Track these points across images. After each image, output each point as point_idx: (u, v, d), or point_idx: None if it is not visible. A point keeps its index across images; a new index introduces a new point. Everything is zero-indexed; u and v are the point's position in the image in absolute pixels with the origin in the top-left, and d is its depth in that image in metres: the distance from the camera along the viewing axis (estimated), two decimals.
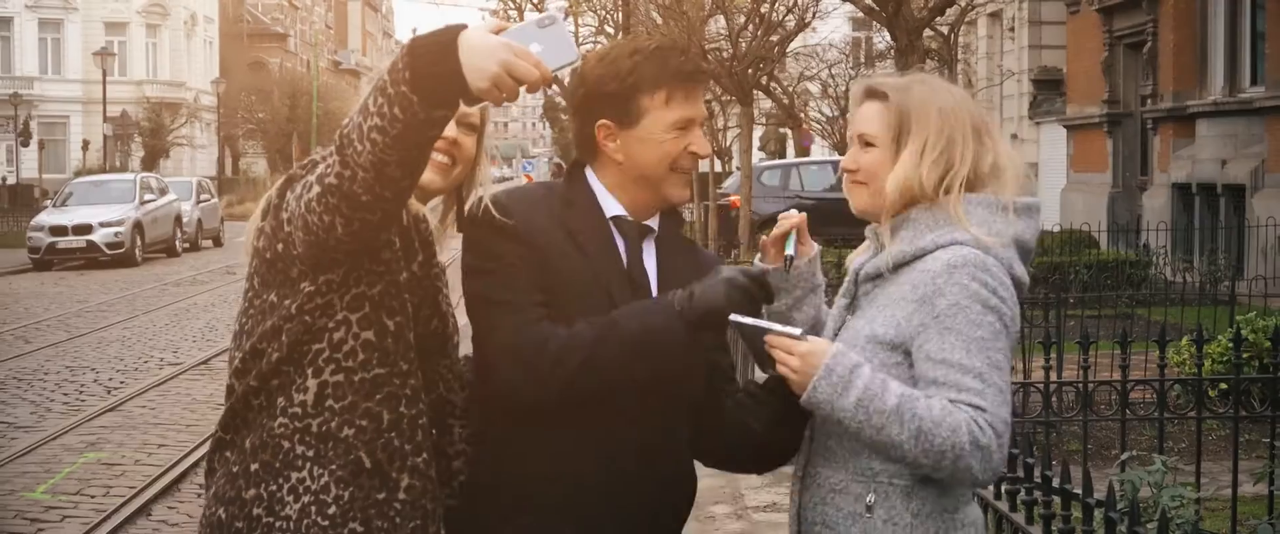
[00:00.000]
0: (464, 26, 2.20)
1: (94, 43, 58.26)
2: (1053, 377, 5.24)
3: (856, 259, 2.66)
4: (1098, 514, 3.28)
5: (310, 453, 2.37)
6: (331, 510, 2.37)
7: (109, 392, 11.44)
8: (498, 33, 2.18)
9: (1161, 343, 4.97)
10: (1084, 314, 11.34)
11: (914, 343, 2.44)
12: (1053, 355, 5.31)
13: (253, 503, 2.39)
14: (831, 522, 2.54)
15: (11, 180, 45.27)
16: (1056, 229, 17.98)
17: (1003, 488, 3.85)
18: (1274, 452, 4.98)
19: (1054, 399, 5.38)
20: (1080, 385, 5.07)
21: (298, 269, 2.37)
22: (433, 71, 2.14)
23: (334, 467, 2.36)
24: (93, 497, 7.85)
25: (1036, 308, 9.61)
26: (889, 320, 2.49)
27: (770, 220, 19.24)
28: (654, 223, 2.73)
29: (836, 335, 2.60)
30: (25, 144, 47.29)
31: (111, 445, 9.22)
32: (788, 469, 7.44)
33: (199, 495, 7.95)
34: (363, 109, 2.23)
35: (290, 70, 79.15)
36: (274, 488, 2.38)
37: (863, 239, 2.72)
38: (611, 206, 2.68)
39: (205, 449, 8.50)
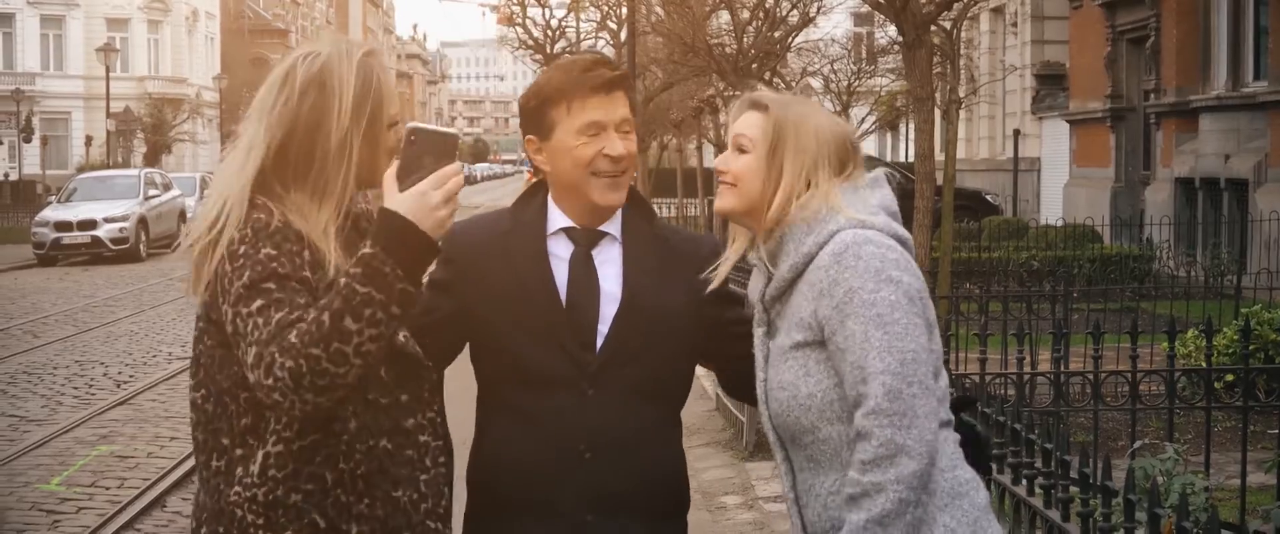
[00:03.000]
0: (396, 214, 2.34)
1: (96, 39, 58.27)
2: (1062, 368, 5.29)
3: (754, 289, 2.72)
4: (1114, 500, 3.34)
5: (261, 522, 2.43)
6: None
7: (119, 386, 11.50)
8: (403, 182, 2.35)
9: (1171, 334, 5.02)
10: (1089, 308, 11.39)
11: (827, 338, 2.51)
12: (1062, 347, 5.36)
13: None
14: (840, 522, 2.52)
15: (14, 177, 45.27)
16: (1059, 223, 18.02)
17: (1022, 474, 3.91)
18: None
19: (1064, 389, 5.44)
20: (1090, 376, 5.12)
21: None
22: (415, 259, 2.34)
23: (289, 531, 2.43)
24: (107, 488, 7.91)
25: (1043, 301, 9.67)
26: (801, 324, 2.56)
27: None
28: (612, 228, 2.82)
29: (767, 361, 2.67)
30: (27, 140, 47.31)
31: (123, 438, 9.28)
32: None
33: None
34: (335, 335, 2.28)
35: None
36: None
37: None
38: (559, 220, 2.81)
39: None
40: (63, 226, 26.45)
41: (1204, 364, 5.62)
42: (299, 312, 2.33)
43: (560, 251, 2.80)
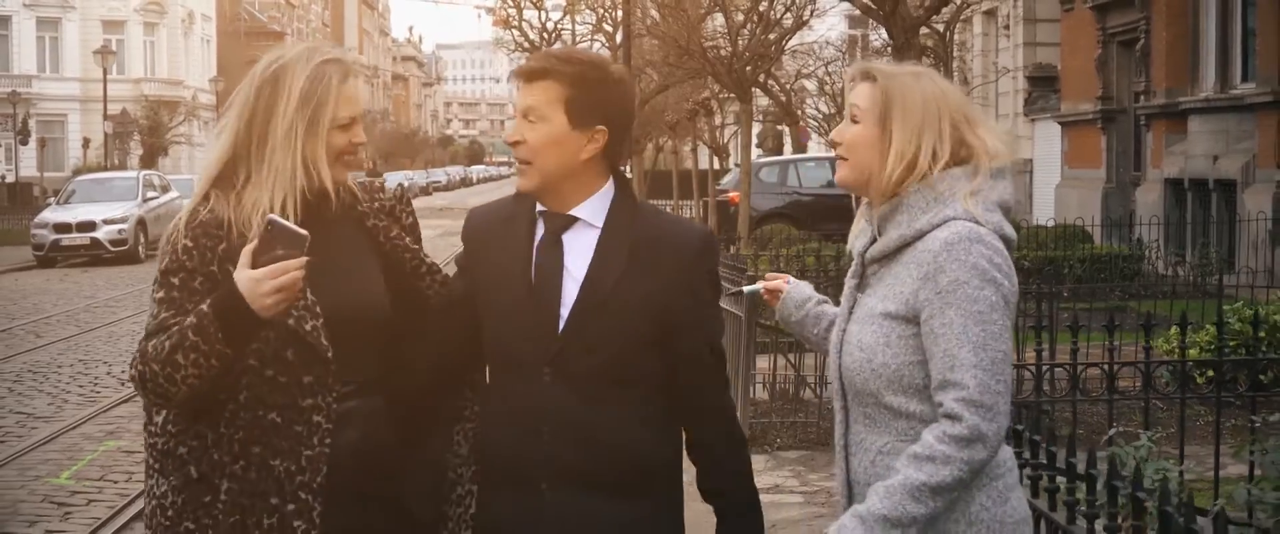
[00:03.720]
0: (234, 289, 2.66)
1: (92, 41, 58.41)
2: (1042, 361, 5.49)
3: (858, 242, 2.84)
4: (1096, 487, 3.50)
5: (156, 465, 2.89)
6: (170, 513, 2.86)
7: (122, 384, 11.68)
8: (255, 261, 2.65)
9: (1147, 327, 5.23)
10: (1077, 307, 11.59)
11: (922, 316, 2.65)
12: (1043, 342, 5.55)
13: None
14: (886, 476, 2.65)
15: (10, 179, 45.38)
16: (1050, 224, 18.21)
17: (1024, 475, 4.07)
18: (1253, 427, 5.23)
19: (1046, 383, 5.64)
20: (1070, 368, 5.31)
21: None
22: (239, 328, 2.66)
23: (172, 478, 2.86)
24: (116, 482, 8.11)
25: (1029, 300, 9.85)
26: (897, 297, 2.69)
27: (768, 216, 19.61)
28: (587, 214, 2.89)
29: (851, 313, 2.82)
30: (24, 142, 47.42)
31: (130, 434, 9.46)
32: (790, 453, 7.70)
33: None
34: (169, 363, 2.68)
35: None
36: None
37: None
38: (540, 204, 2.94)
39: None
40: (62, 228, 26.63)
41: (1203, 366, 5.84)
42: (177, 318, 2.72)
43: (540, 237, 2.94)
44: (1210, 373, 6.46)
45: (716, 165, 28.80)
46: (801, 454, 7.97)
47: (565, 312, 2.85)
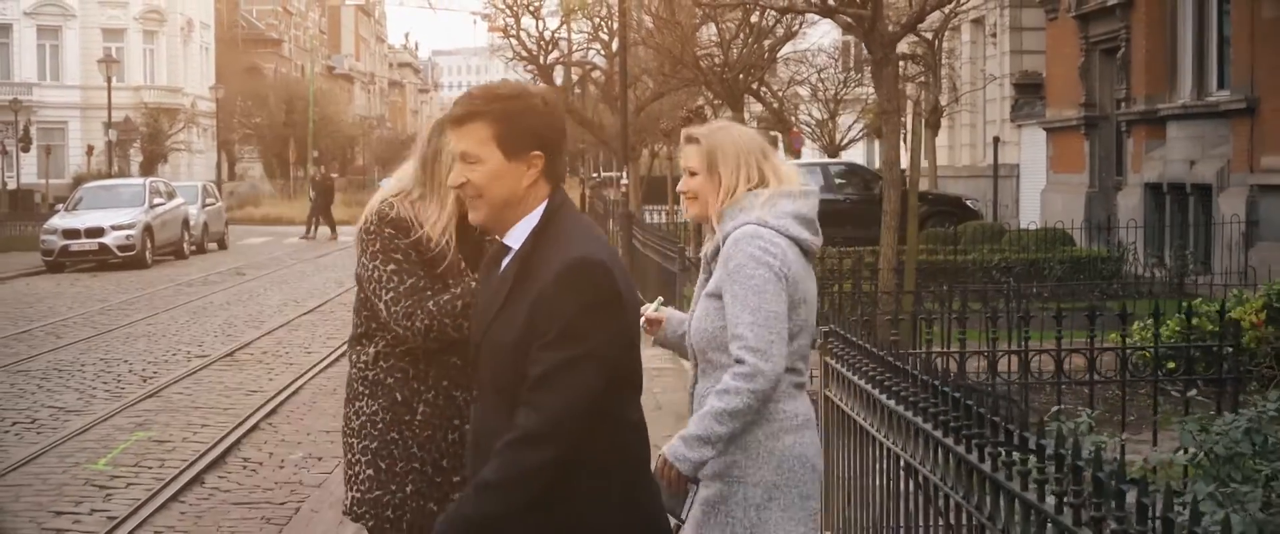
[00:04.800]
0: None
1: (92, 49, 58.94)
2: (995, 348, 6.08)
3: (706, 250, 3.90)
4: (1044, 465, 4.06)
5: (365, 391, 3.86)
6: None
7: (145, 381, 12.27)
8: None
9: (1091, 317, 5.82)
10: (1057, 306, 12.19)
11: (723, 293, 3.69)
12: (995, 333, 6.14)
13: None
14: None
15: (11, 186, 45.85)
16: (1032, 227, 18.78)
17: (962, 436, 4.66)
18: (1186, 406, 5.83)
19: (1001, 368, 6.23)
20: (1021, 354, 5.91)
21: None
22: None
23: (381, 400, 3.83)
24: (150, 468, 8.71)
25: (999, 298, 10.46)
26: (714, 282, 3.78)
27: None
28: (511, 240, 3.15)
29: (696, 299, 3.88)
30: (26, 149, 47.86)
31: (158, 425, 10.07)
32: None
33: (245, 468, 8.81)
34: (460, 316, 3.68)
35: (285, 76, 79.82)
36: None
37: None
38: (488, 233, 3.33)
39: (244, 429, 9.45)
40: (71, 234, 27.19)
41: (1140, 350, 6.43)
42: (423, 281, 3.68)
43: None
44: (1171, 364, 7.10)
45: None
46: None
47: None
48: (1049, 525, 3.85)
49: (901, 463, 4.55)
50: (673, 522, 3.56)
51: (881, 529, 4.97)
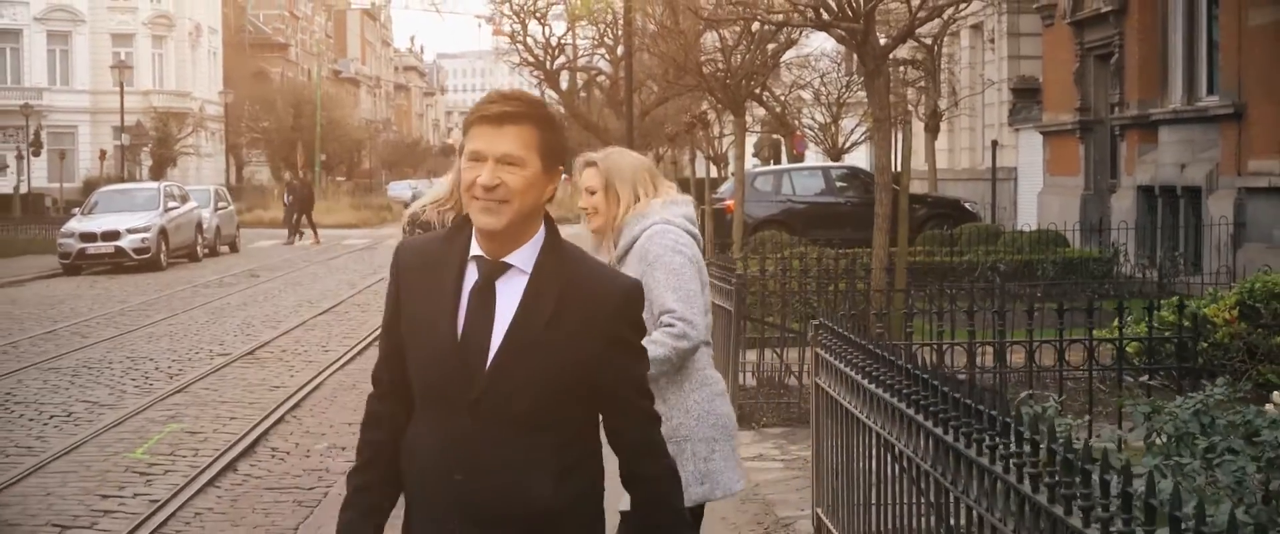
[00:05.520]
0: None
1: (101, 54, 59.62)
2: (975, 339, 6.60)
3: (613, 255, 4.50)
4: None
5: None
6: None
7: (171, 377, 12.81)
8: None
9: (1060, 310, 6.34)
10: (1032, 305, 12.71)
11: (645, 278, 4.28)
12: (973, 327, 6.66)
13: None
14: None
15: (23, 190, 46.38)
16: (1027, 229, 19.27)
17: (939, 418, 5.18)
18: (1148, 392, 6.35)
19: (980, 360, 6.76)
20: (995, 346, 6.43)
21: None
22: None
23: None
24: (185, 457, 9.25)
25: (981, 298, 10.98)
26: (633, 272, 4.31)
27: (763, 223, 20.72)
28: (519, 261, 2.92)
29: None
30: (37, 154, 48.35)
31: (189, 418, 10.62)
32: (774, 429, 8.86)
33: (273, 456, 9.35)
34: None
35: (292, 80, 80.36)
36: None
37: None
38: (474, 248, 2.94)
39: (271, 421, 9.97)
40: (87, 237, 27.74)
41: (1106, 342, 6.95)
42: None
43: (472, 280, 2.93)
44: (1136, 353, 7.61)
45: (714, 174, 29.83)
46: (784, 430, 9.11)
47: (490, 357, 2.88)
48: (1012, 494, 4.38)
49: (883, 442, 5.06)
50: None
51: (867, 505, 5.48)
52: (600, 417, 3.03)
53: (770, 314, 10.76)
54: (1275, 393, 5.90)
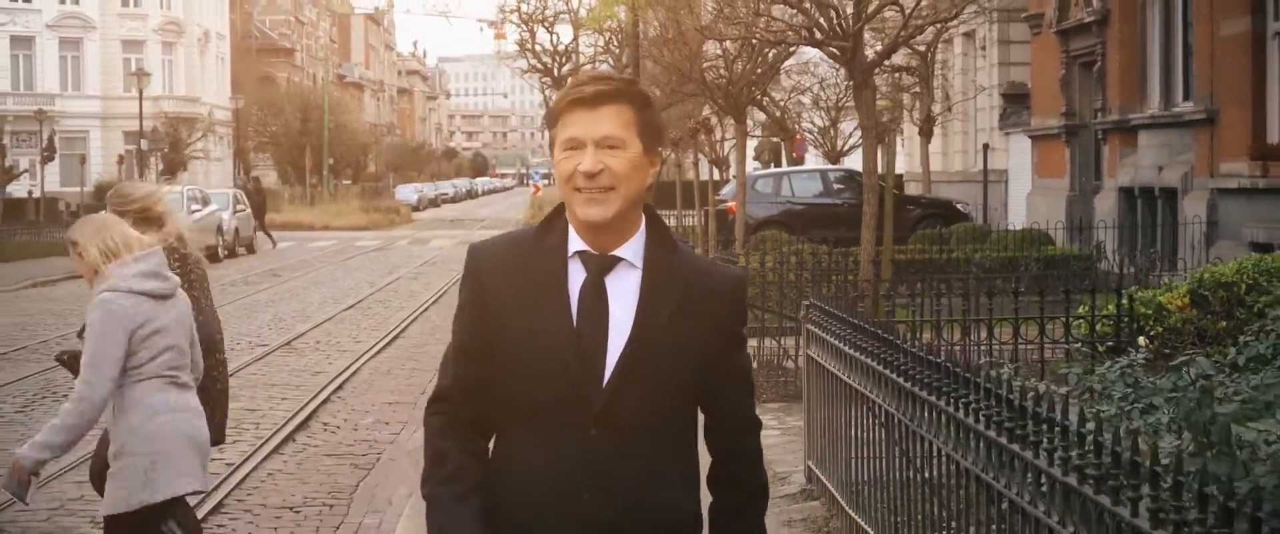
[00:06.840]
0: None
1: (112, 60, 60.73)
2: (940, 318, 7.70)
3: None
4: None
5: None
6: None
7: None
8: None
9: (1015, 294, 7.45)
10: (991, 292, 13.80)
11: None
12: (939, 308, 7.76)
13: None
14: None
15: (36, 194, 47.29)
16: (1013, 228, 20.35)
17: (918, 381, 6.24)
18: (1093, 359, 7.45)
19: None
20: (963, 323, 7.53)
21: None
22: None
23: None
24: (248, 430, 10.35)
25: (956, 294, 12.12)
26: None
27: (764, 224, 22.04)
28: (629, 254, 2.71)
29: None
30: (50, 159, 49.21)
31: (245, 398, 11.70)
32: (774, 404, 10.01)
33: (326, 429, 10.45)
34: None
35: (297, 84, 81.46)
36: None
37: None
38: (576, 243, 2.70)
39: (319, 401, 10.99)
40: None
41: (1053, 319, 8.08)
42: None
43: (577, 279, 2.70)
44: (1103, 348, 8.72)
45: (716, 177, 30.81)
46: (781, 404, 10.21)
47: (611, 361, 2.67)
48: (971, 436, 5.46)
49: (861, 398, 6.14)
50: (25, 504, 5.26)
51: (850, 459, 6.55)
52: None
53: (770, 304, 11.85)
54: (1140, 338, 6.97)
